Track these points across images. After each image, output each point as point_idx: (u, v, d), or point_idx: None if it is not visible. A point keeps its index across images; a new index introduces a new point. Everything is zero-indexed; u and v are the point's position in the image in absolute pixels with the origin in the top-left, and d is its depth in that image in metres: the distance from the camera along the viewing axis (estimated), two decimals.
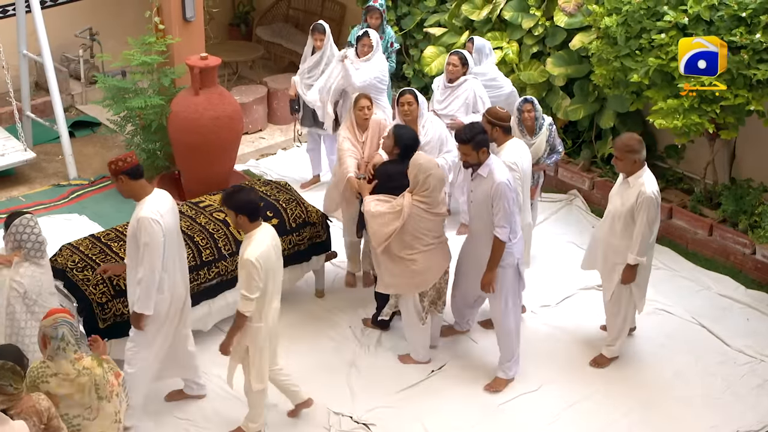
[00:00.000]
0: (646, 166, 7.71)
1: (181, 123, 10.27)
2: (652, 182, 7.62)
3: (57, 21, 12.64)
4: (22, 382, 5.46)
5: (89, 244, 8.11)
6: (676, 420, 7.76)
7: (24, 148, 11.24)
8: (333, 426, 7.63)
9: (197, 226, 8.35)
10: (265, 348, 7.11)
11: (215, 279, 8.22)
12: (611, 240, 7.86)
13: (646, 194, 7.52)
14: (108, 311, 7.65)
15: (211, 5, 12.99)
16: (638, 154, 7.61)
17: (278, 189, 9.00)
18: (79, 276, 7.75)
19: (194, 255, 8.10)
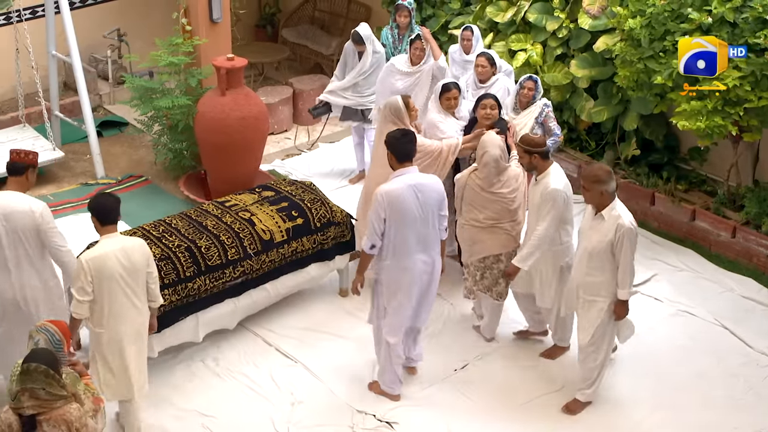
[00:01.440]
0: (617, 198, 7.24)
1: (208, 123, 10.35)
2: (627, 213, 7.18)
3: (85, 22, 12.72)
4: (55, 387, 5.45)
5: None
6: (699, 421, 7.75)
7: (53, 148, 11.32)
8: (357, 424, 7.65)
9: (223, 225, 8.41)
10: (107, 358, 6.97)
11: (240, 278, 8.27)
12: (588, 278, 7.37)
13: (625, 227, 7.07)
14: None
15: (237, 7, 13.03)
16: (606, 185, 7.10)
17: (303, 189, 9.05)
18: None
19: (220, 254, 8.15)
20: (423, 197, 7.31)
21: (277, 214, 8.64)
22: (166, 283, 7.81)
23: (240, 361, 8.30)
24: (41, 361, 5.46)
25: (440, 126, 9.02)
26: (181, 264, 7.96)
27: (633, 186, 10.52)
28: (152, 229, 8.36)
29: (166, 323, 7.90)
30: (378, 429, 7.62)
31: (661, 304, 9.19)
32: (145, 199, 10.83)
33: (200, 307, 8.13)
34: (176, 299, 7.90)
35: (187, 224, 8.41)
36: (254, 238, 8.38)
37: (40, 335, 5.84)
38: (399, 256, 7.38)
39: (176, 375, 8.14)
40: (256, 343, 8.52)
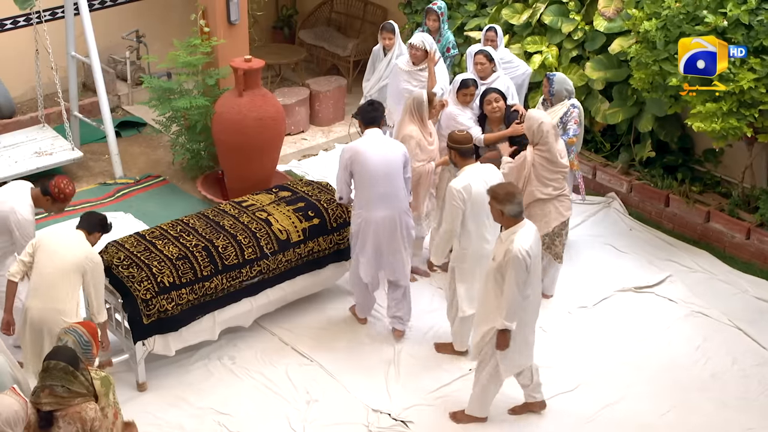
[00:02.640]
0: (526, 223, 7.02)
1: (225, 124, 10.40)
2: (525, 240, 6.89)
3: (104, 23, 12.79)
4: (75, 385, 5.53)
5: (134, 242, 8.23)
6: (713, 421, 7.77)
7: (72, 147, 11.37)
8: (372, 423, 7.69)
9: (240, 225, 8.45)
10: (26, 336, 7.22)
11: (257, 277, 8.33)
12: (485, 299, 7.32)
13: (512, 252, 6.84)
14: (152, 308, 7.78)
15: (255, 8, 13.07)
16: (503, 206, 6.95)
17: (320, 189, 9.09)
18: (124, 273, 7.86)
19: (237, 253, 8.21)
20: (385, 156, 8.18)
21: (293, 214, 8.68)
22: (183, 282, 7.90)
23: (256, 360, 8.36)
24: (61, 358, 5.56)
25: (457, 118, 9.23)
26: (199, 263, 8.02)
27: (648, 187, 10.54)
28: (170, 228, 8.42)
29: (183, 322, 8.00)
30: (393, 428, 7.65)
31: (675, 305, 9.19)
32: (163, 198, 10.91)
33: (217, 306, 8.19)
34: (193, 298, 7.97)
35: (205, 224, 8.47)
36: (271, 238, 8.42)
37: (68, 336, 5.95)
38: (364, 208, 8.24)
39: (193, 373, 8.19)
40: (272, 342, 8.56)
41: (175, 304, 7.88)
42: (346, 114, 12.87)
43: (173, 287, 7.87)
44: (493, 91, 9.17)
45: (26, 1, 10.57)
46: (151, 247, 8.14)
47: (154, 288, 7.81)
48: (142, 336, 7.81)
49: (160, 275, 7.86)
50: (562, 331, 8.79)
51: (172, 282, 7.88)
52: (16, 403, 5.45)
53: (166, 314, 7.85)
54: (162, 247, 8.12)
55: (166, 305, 7.83)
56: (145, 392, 7.95)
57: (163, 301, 7.82)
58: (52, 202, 7.80)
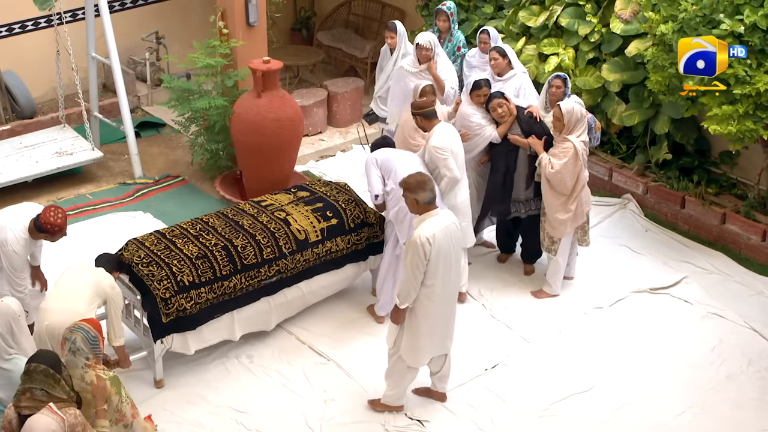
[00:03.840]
0: (439, 213, 7.19)
1: (244, 124, 10.47)
2: (429, 228, 7.01)
3: (124, 25, 12.88)
4: (55, 389, 5.53)
5: (155, 240, 8.30)
6: (728, 422, 7.78)
7: (92, 148, 11.44)
8: (388, 422, 7.71)
9: (259, 224, 8.50)
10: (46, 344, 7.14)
11: (275, 276, 8.37)
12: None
13: (411, 237, 7.09)
14: (171, 306, 7.83)
15: (273, 10, 13.11)
16: (415, 194, 7.12)
17: (338, 190, 9.14)
18: (144, 271, 7.91)
19: (256, 253, 8.26)
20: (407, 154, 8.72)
21: (312, 214, 8.72)
22: (202, 281, 7.96)
23: (274, 359, 8.40)
24: (43, 361, 5.58)
25: (471, 118, 9.30)
26: (218, 262, 8.08)
27: (663, 189, 10.55)
28: (190, 227, 8.49)
29: (202, 321, 8.06)
30: (409, 427, 7.68)
31: (691, 306, 9.19)
32: (182, 198, 10.98)
33: (236, 305, 8.24)
34: (212, 297, 8.02)
35: (224, 223, 8.53)
36: (289, 238, 8.47)
37: (75, 334, 5.96)
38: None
39: (211, 372, 8.24)
40: (289, 341, 8.60)
41: (194, 303, 7.92)
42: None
43: (192, 286, 7.92)
44: (495, 98, 9.18)
45: (45, 1, 10.65)
46: (171, 246, 8.20)
47: (174, 287, 7.86)
48: (160, 334, 7.86)
49: (179, 274, 7.91)
50: (578, 331, 8.83)
51: (192, 281, 7.93)
52: (53, 422, 5.44)
53: (185, 313, 7.90)
54: (182, 246, 8.18)
55: (185, 304, 7.87)
56: (164, 390, 8.00)
57: (182, 300, 7.87)
58: (51, 235, 7.83)
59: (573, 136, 8.74)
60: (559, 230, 9.00)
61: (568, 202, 8.87)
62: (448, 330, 7.55)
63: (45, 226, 7.71)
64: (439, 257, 7.09)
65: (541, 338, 8.71)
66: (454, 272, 7.31)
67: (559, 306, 9.17)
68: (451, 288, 7.38)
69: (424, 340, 7.40)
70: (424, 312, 7.27)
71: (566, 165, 8.72)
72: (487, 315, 9.06)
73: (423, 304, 7.24)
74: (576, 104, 8.83)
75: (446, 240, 7.10)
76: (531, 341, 8.68)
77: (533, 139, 8.99)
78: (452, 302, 7.47)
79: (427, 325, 7.34)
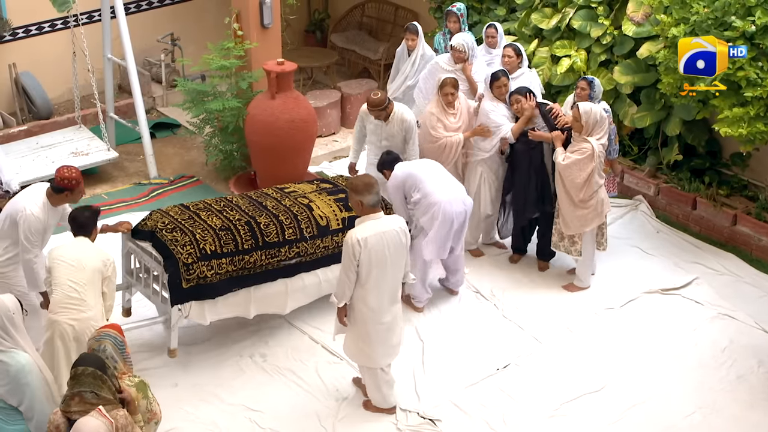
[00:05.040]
0: (378, 216, 7.19)
1: (258, 125, 10.54)
2: (364, 230, 7.09)
3: (140, 26, 12.97)
4: (103, 390, 5.52)
5: (179, 211, 8.41)
6: (738, 423, 7.80)
7: (107, 148, 11.53)
8: (400, 421, 7.75)
9: (282, 206, 8.57)
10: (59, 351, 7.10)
11: (294, 258, 8.39)
12: None
13: (345, 238, 7.19)
14: (192, 272, 7.90)
15: (287, 12, 13.14)
16: (361, 196, 7.13)
17: None
18: (168, 236, 8.00)
19: (278, 232, 8.31)
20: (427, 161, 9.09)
21: (334, 203, 8.77)
22: (224, 252, 8.05)
23: (287, 358, 8.45)
24: (90, 364, 5.57)
25: (490, 114, 9.50)
26: (241, 236, 8.15)
27: (675, 190, 10.58)
28: (213, 203, 8.57)
29: (219, 292, 8.11)
30: (421, 426, 7.71)
31: (702, 307, 9.22)
32: (197, 198, 10.91)
33: (254, 281, 8.27)
34: (232, 269, 8.10)
35: (248, 202, 8.61)
36: (311, 222, 8.50)
37: (104, 341, 5.93)
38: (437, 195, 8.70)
39: (225, 371, 8.29)
40: (302, 341, 8.65)
41: (215, 273, 7.99)
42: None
43: (214, 255, 8.00)
44: (513, 94, 9.43)
45: (64, 3, 10.72)
46: (195, 217, 8.29)
47: (196, 253, 7.94)
48: (180, 300, 7.92)
49: (203, 242, 8.00)
50: (589, 332, 8.86)
51: (214, 250, 8.00)
52: (102, 425, 5.43)
53: (205, 281, 7.97)
54: (206, 218, 8.27)
55: (206, 272, 7.95)
56: (179, 389, 8.04)
57: (204, 267, 7.94)
58: (70, 193, 7.78)
59: (593, 138, 8.83)
60: (571, 227, 9.10)
61: (578, 198, 8.96)
62: (395, 338, 7.61)
63: (62, 183, 7.69)
64: (371, 261, 7.15)
65: (552, 338, 8.74)
66: (391, 278, 7.34)
67: (570, 306, 9.22)
68: (388, 294, 7.39)
69: (371, 345, 7.49)
70: (362, 317, 7.39)
71: (578, 162, 8.84)
72: (499, 315, 9.10)
73: (359, 308, 7.36)
74: (596, 106, 8.92)
75: (380, 245, 7.15)
76: (542, 341, 8.71)
77: (556, 133, 9.13)
78: (391, 309, 7.47)
79: (370, 329, 7.42)
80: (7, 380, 6.20)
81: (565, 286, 9.52)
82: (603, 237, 9.36)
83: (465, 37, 10.26)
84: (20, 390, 6.20)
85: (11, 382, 6.19)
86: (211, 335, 8.71)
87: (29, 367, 6.23)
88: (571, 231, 9.15)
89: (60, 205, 7.88)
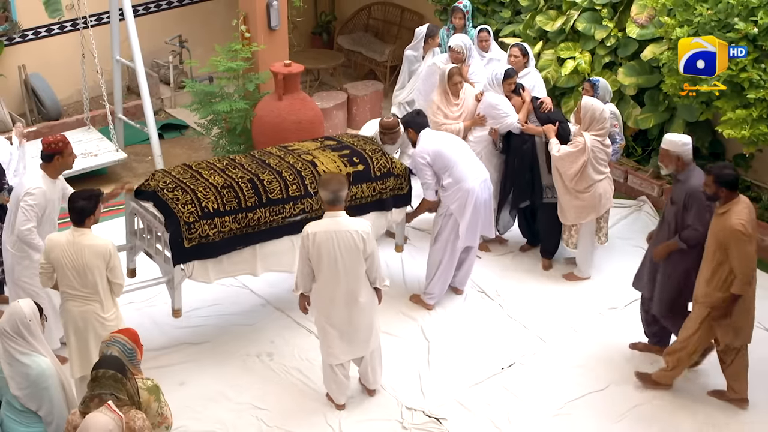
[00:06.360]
0: (336, 215, 7.33)
1: (265, 126, 10.59)
2: (318, 226, 7.29)
3: (148, 29, 13.04)
4: (122, 392, 5.51)
5: (181, 170, 8.38)
6: (742, 423, 7.81)
7: (116, 149, 11.61)
8: (406, 419, 7.78)
9: (285, 163, 8.52)
10: (71, 338, 7.28)
11: (300, 215, 8.31)
12: None
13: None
14: (194, 231, 7.84)
15: (294, 15, 13.21)
16: (321, 189, 7.36)
17: (365, 140, 9.15)
18: (169, 195, 7.96)
19: (281, 188, 8.26)
20: (448, 137, 9.04)
21: (339, 159, 8.69)
22: (227, 210, 8.00)
23: (294, 357, 8.48)
24: (110, 366, 5.58)
25: (497, 106, 9.61)
26: (243, 194, 8.10)
27: None
28: (216, 162, 8.57)
29: (224, 250, 8.07)
30: (427, 425, 7.75)
31: None
32: None
33: (259, 239, 8.22)
34: (236, 227, 8.04)
35: (251, 161, 8.56)
36: (315, 178, 8.39)
37: (112, 348, 5.92)
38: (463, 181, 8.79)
39: (231, 370, 8.33)
40: (309, 340, 8.67)
41: (218, 231, 7.94)
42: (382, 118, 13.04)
43: (217, 213, 7.94)
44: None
45: (55, 10, 10.75)
46: (197, 176, 8.25)
47: (198, 212, 7.88)
48: (182, 259, 7.88)
49: (204, 200, 7.94)
50: (593, 331, 8.90)
51: (216, 208, 7.94)
52: (111, 421, 5.42)
53: (208, 240, 7.91)
54: (208, 176, 8.22)
55: (208, 230, 7.89)
56: (186, 388, 8.08)
57: (206, 226, 7.88)
58: (60, 158, 7.85)
59: (587, 134, 8.96)
60: (567, 217, 9.30)
61: (571, 186, 9.13)
62: (352, 336, 7.64)
63: (49, 148, 7.79)
64: (320, 257, 7.28)
65: (556, 338, 8.78)
66: (345, 279, 7.39)
67: (574, 306, 9.26)
68: (343, 295, 7.46)
69: (324, 338, 7.67)
70: (322, 312, 7.59)
71: (571, 154, 9.03)
72: (504, 315, 9.15)
73: (316, 302, 7.58)
74: (599, 103, 9.02)
75: (329, 243, 7.26)
76: (547, 341, 8.75)
77: (548, 126, 9.29)
78: (347, 308, 7.52)
79: (324, 324, 7.60)
80: (27, 383, 6.22)
81: (566, 275, 9.66)
82: (602, 231, 9.48)
83: (463, 39, 10.34)
84: (39, 395, 6.22)
85: (31, 386, 6.21)
86: (217, 334, 8.77)
87: (49, 372, 6.24)
88: (568, 221, 9.32)
89: (56, 174, 7.95)
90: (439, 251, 9.03)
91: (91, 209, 7.16)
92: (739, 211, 7.30)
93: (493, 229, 9.38)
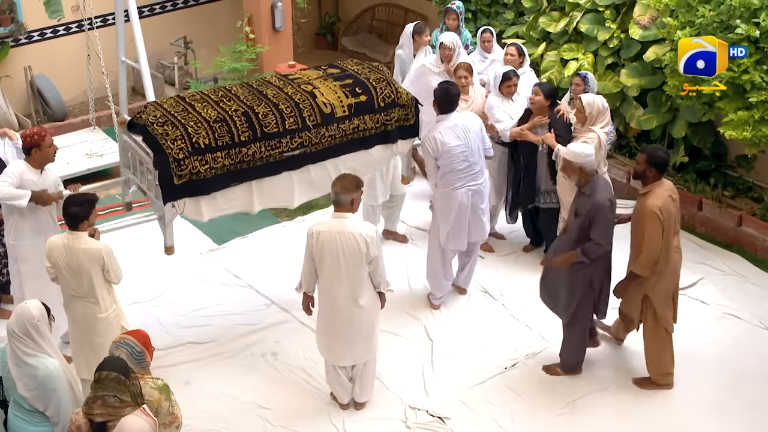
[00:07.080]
0: (342, 216, 7.37)
1: None
2: (320, 224, 7.39)
3: (153, 30, 13.08)
4: (125, 394, 5.53)
5: (173, 103, 8.03)
6: (742, 422, 7.83)
7: None
8: (409, 419, 7.82)
9: (283, 94, 8.15)
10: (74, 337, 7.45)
11: (298, 149, 8.01)
12: None
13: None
14: (184, 168, 7.55)
15: (299, 16, 13.25)
16: (331, 188, 7.44)
17: (370, 69, 8.77)
18: (159, 130, 7.63)
19: (277, 122, 7.91)
20: (466, 134, 8.59)
21: (340, 89, 8.31)
22: (219, 145, 7.68)
23: (298, 356, 8.52)
24: (113, 368, 5.59)
25: (493, 110, 9.68)
26: (237, 128, 7.76)
27: (681, 192, 10.44)
28: (211, 93, 8.23)
29: (217, 187, 7.78)
30: (430, 424, 7.78)
31: (707, 307, 9.28)
32: None
33: (254, 175, 7.92)
34: (229, 163, 7.73)
35: (247, 92, 8.20)
36: (314, 110, 8.06)
37: (120, 350, 5.93)
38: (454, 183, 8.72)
39: (236, 369, 8.37)
40: (313, 339, 8.46)
41: (209, 167, 7.63)
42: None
43: (208, 149, 7.62)
44: (535, 86, 9.58)
45: (55, 11, 10.80)
46: (189, 109, 7.91)
47: (188, 148, 7.56)
48: (172, 197, 7.62)
49: (195, 135, 7.61)
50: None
51: (208, 144, 7.62)
52: (146, 425, 5.47)
53: (199, 176, 7.61)
54: (200, 110, 7.87)
55: (198, 167, 7.59)
56: (190, 386, 8.11)
57: (196, 162, 7.58)
58: (38, 150, 7.97)
59: (597, 127, 8.98)
60: None
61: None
62: (353, 337, 7.63)
63: (27, 141, 7.95)
64: (323, 256, 7.33)
65: (559, 337, 8.66)
66: (347, 281, 7.40)
67: None
68: (344, 297, 7.46)
69: (325, 338, 7.73)
70: (320, 308, 7.64)
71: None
72: (507, 314, 9.19)
73: (319, 299, 7.61)
74: (597, 97, 9.10)
75: (332, 244, 7.28)
76: (550, 340, 8.76)
77: (547, 135, 9.25)
78: (348, 310, 7.51)
79: (324, 323, 7.65)
80: (35, 384, 6.24)
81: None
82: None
83: (453, 36, 10.38)
84: (47, 396, 6.23)
85: (38, 386, 6.23)
86: (222, 334, 8.81)
87: (57, 373, 6.26)
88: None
89: (39, 166, 8.07)
90: (431, 252, 9.13)
91: (85, 215, 7.24)
92: (659, 194, 7.59)
93: (487, 232, 9.31)
